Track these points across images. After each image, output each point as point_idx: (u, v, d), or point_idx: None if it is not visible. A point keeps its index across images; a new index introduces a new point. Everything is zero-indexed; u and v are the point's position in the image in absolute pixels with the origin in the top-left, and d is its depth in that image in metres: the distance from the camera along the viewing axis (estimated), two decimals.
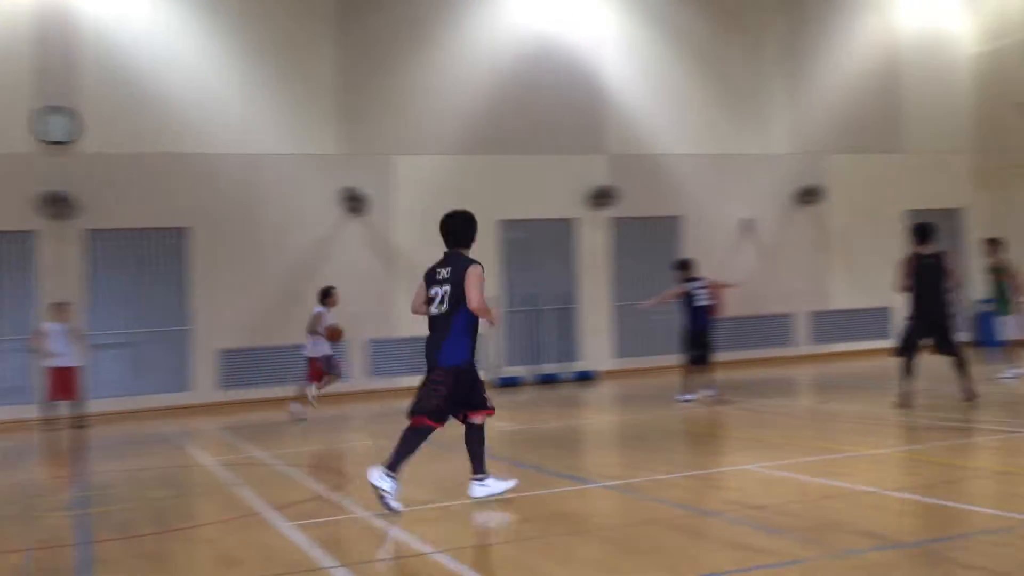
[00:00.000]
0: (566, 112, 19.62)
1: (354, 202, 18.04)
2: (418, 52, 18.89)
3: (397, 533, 6.36)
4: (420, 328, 7.60)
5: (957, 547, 5.15)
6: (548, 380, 17.56)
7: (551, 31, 19.62)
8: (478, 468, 7.12)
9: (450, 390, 6.90)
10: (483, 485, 7.08)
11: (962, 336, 11.59)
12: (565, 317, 19.51)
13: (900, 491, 6.65)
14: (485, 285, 6.99)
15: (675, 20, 20.49)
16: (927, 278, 11.27)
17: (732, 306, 16.56)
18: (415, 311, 7.40)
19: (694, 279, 13.77)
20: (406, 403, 7.17)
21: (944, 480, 7.04)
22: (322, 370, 14.40)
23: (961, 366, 11.32)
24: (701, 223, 20.34)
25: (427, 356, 7.10)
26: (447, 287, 6.99)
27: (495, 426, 12.87)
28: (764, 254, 20.73)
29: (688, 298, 13.67)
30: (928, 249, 11.44)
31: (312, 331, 14.30)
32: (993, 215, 21.62)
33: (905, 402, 11.28)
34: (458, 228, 7.15)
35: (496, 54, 19.31)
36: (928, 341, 11.48)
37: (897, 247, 21.81)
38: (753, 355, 19.99)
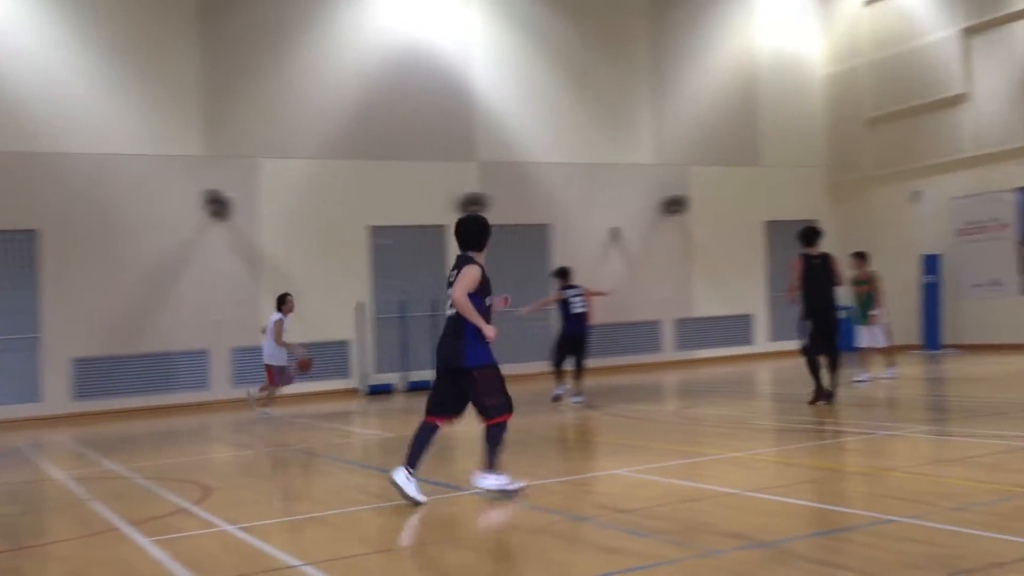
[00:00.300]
0: (436, 118, 19.58)
1: (217, 205, 17.52)
2: (284, 53, 18.52)
3: (264, 546, 6.16)
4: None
5: (817, 546, 5.32)
6: (420, 387, 17.39)
7: (420, 36, 19.57)
8: (489, 464, 7.16)
9: (501, 382, 7.18)
10: (485, 478, 7.13)
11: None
12: (436, 324, 19.43)
13: (763, 492, 6.85)
14: (474, 284, 7.02)
15: (544, 31, 20.75)
16: (816, 278, 11.79)
17: (601, 314, 16.83)
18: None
19: (571, 287, 14.10)
20: (275, 412, 6.94)
21: (805, 480, 7.29)
22: (273, 378, 14.49)
23: (834, 367, 11.81)
24: (570, 231, 20.63)
25: (443, 358, 7.17)
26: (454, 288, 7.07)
27: (364, 435, 12.71)
28: (631, 263, 21.18)
29: (565, 305, 13.99)
30: (815, 251, 12.00)
31: (277, 339, 14.37)
32: (846, 226, 22.69)
33: (819, 398, 11.68)
34: (466, 231, 7.24)
35: (364, 58, 19.12)
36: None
37: (757, 256, 22.75)
38: (621, 361, 20.38)
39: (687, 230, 21.90)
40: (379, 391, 18.17)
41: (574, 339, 13.89)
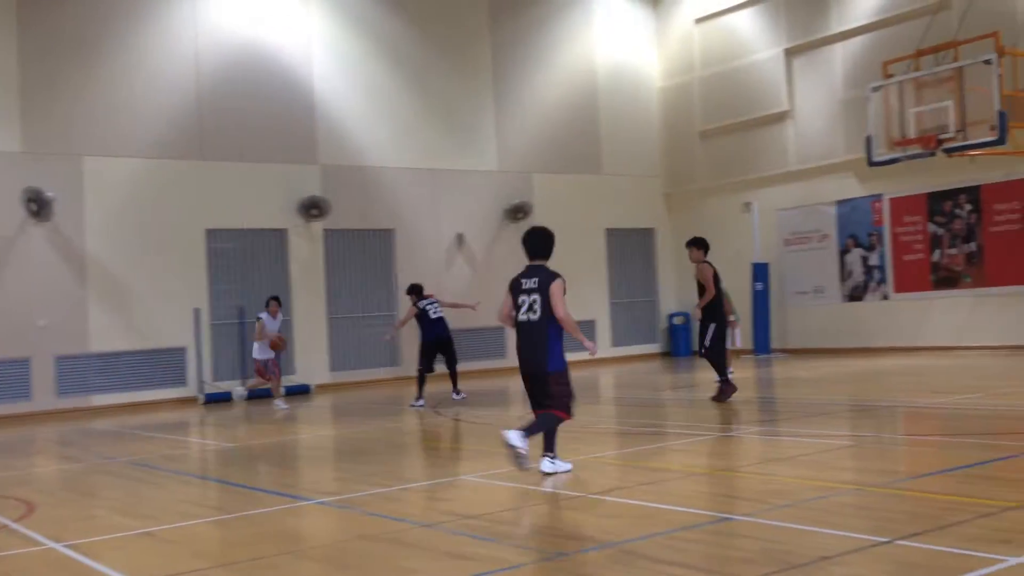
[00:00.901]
0: (276, 120, 19.15)
1: (38, 205, 16.52)
2: (111, 47, 17.70)
3: (93, 564, 5.83)
4: (114, 343, 7.04)
5: (658, 545, 5.46)
6: (260, 395, 16.94)
7: (258, 36, 19.11)
8: (548, 447, 7.80)
9: (570, 385, 7.80)
10: (552, 462, 7.76)
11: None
12: (280, 330, 18.94)
13: (606, 494, 6.98)
14: (566, 296, 7.76)
15: (387, 35, 20.63)
16: (719, 285, 12.48)
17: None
18: (502, 320, 8.10)
19: (425, 298, 15.05)
20: (102, 424, 6.59)
21: (646, 482, 7.48)
22: (261, 372, 15.71)
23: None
24: (414, 237, 20.56)
25: (526, 361, 7.79)
26: (535, 296, 7.71)
27: (202, 445, 12.24)
28: (476, 269, 21.28)
29: (423, 315, 14.90)
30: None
31: (257, 336, 15.63)
32: (682, 235, 23.47)
33: (726, 392, 12.37)
34: (538, 242, 7.88)
35: (200, 56, 18.49)
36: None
37: (599, 263, 23.28)
38: (467, 368, 20.41)
39: None
40: (217, 399, 17.56)
41: (438, 341, 14.81)
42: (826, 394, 13.23)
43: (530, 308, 7.71)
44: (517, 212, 21.65)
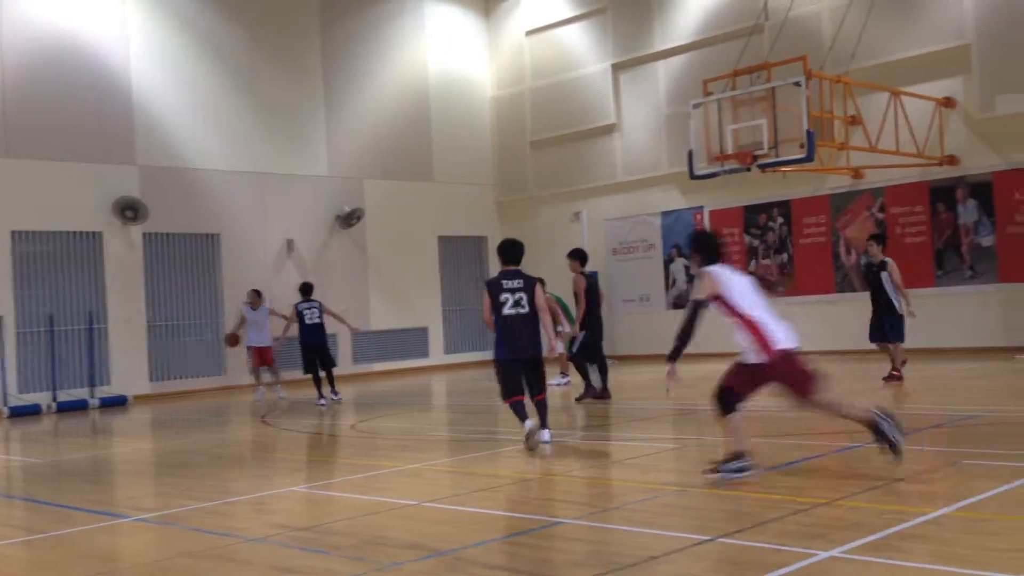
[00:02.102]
0: (91, 117, 18.19)
1: None
2: None
3: None
4: None
5: (491, 551, 5.48)
6: (72, 407, 16.01)
7: (71, 28, 18.10)
8: (543, 423, 9.18)
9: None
10: (549, 431, 9.19)
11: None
12: (91, 338, 17.97)
13: (439, 502, 6.96)
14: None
15: (212, 34, 19.99)
16: (594, 294, 13.34)
17: (281, 328, 16.48)
18: (488, 319, 9.33)
19: (308, 301, 15.68)
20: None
21: (479, 489, 7.49)
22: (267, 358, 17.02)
23: (603, 370, 13.52)
24: (241, 242, 19.97)
25: (526, 348, 9.15)
26: (521, 294, 9.19)
27: (7, 460, 11.42)
28: (306, 275, 20.83)
29: (301, 317, 15.45)
30: (587, 270, 13.48)
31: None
32: None
33: (597, 395, 13.23)
34: (516, 250, 9.45)
35: (3, 46, 17.34)
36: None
37: (432, 270, 23.25)
38: (297, 377, 20.00)
39: (362, 243, 21.94)
40: (23, 413, 16.46)
41: (313, 346, 15.42)
42: (650, 400, 13.67)
43: (517, 304, 9.14)
44: (348, 218, 21.37)
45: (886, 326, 13.10)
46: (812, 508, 5.94)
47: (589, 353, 13.42)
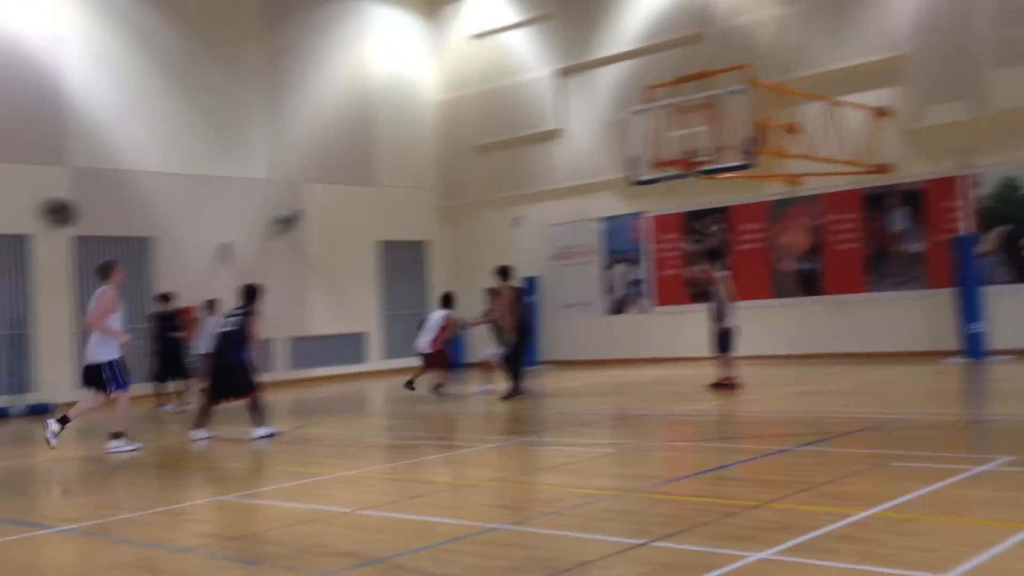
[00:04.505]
0: (18, 115, 17.73)
1: None
2: None
3: None
4: None
5: (426, 558, 5.41)
6: None
7: (2, 26, 17.61)
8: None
9: None
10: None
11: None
12: (16, 344, 17.48)
13: (375, 509, 6.86)
14: None
15: (149, 32, 19.64)
16: (520, 304, 14.20)
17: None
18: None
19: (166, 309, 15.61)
20: None
21: (415, 495, 7.41)
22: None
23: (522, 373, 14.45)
24: (176, 245, 19.61)
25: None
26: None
27: None
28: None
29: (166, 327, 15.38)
30: (515, 283, 14.49)
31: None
32: (455, 248, 23.75)
33: (515, 393, 14.07)
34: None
35: None
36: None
37: (371, 275, 23.05)
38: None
39: (302, 247, 21.69)
40: None
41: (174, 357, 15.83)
42: (588, 404, 13.69)
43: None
44: (287, 222, 21.11)
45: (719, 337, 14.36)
46: (745, 511, 5.97)
47: (516, 357, 14.36)
